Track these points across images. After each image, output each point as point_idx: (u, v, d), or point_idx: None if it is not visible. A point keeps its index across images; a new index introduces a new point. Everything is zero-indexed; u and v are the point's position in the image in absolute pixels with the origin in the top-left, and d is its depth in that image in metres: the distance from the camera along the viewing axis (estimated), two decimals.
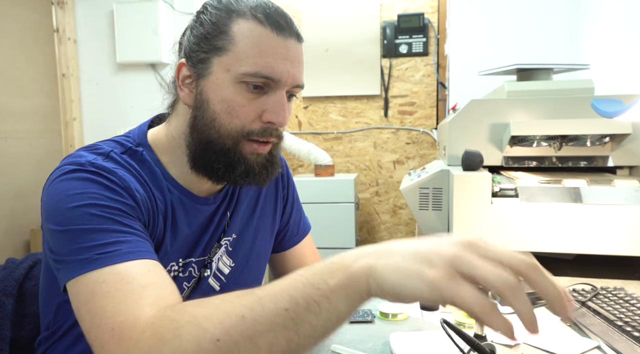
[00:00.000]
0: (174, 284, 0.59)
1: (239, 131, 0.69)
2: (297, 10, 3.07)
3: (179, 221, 0.74)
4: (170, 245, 0.73)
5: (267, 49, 0.68)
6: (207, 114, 0.70)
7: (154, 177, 0.73)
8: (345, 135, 3.11)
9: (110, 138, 0.76)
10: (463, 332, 0.66)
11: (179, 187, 0.75)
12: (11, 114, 2.45)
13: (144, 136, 0.77)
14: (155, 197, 0.71)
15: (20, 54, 2.53)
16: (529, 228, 1.10)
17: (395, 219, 3.11)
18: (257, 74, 0.67)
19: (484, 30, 2.25)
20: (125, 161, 0.70)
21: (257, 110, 0.69)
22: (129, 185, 0.65)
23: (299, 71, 0.71)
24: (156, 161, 0.74)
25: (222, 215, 0.81)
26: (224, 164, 0.70)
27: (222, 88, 0.69)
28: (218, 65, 0.69)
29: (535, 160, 1.27)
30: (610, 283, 1.03)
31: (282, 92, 0.70)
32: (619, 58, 1.67)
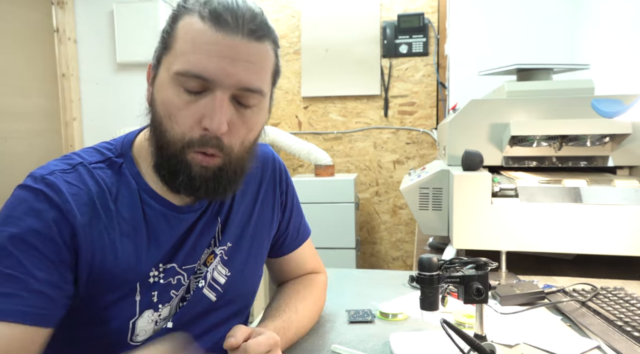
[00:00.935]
0: None
1: (180, 139, 0.65)
2: (297, 10, 3.07)
3: (161, 235, 0.71)
4: (147, 261, 0.70)
5: (202, 46, 0.62)
6: (156, 117, 0.67)
7: (128, 194, 0.69)
8: (345, 135, 3.11)
9: (100, 143, 0.74)
10: (463, 332, 0.66)
11: (160, 200, 0.72)
12: (11, 114, 2.45)
13: (128, 144, 0.74)
14: (119, 218, 0.67)
15: (20, 54, 2.53)
16: (529, 228, 1.10)
17: (395, 219, 3.11)
18: (187, 73, 0.62)
19: (484, 30, 2.25)
20: (93, 174, 0.67)
21: (195, 115, 0.64)
22: (68, 210, 0.62)
23: (245, 72, 0.64)
24: (135, 174, 0.71)
25: (211, 220, 0.78)
26: (167, 171, 0.67)
27: (163, 89, 0.65)
28: (164, 65, 0.66)
29: (535, 160, 1.27)
30: (610, 283, 1.03)
31: (220, 94, 0.63)
32: (619, 58, 1.67)
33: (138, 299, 0.69)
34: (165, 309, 0.72)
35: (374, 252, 3.16)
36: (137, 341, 0.71)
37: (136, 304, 0.69)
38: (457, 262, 0.73)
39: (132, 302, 0.69)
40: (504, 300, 0.94)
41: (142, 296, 0.70)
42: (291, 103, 3.16)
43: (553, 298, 0.96)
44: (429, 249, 1.45)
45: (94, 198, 0.66)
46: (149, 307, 0.70)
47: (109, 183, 0.68)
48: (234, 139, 0.67)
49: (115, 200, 0.68)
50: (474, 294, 0.69)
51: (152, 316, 0.71)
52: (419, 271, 0.70)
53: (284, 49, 3.11)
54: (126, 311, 0.69)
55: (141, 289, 0.69)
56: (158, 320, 0.72)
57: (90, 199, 0.65)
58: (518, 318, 0.89)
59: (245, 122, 0.67)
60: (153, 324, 0.72)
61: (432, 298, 0.70)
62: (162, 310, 0.72)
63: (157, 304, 0.71)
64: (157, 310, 0.71)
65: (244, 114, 0.67)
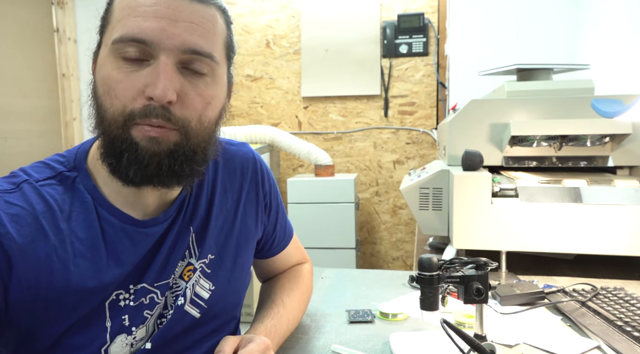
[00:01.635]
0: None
1: (121, 113, 0.58)
2: (297, 10, 3.07)
3: (122, 253, 0.64)
4: (107, 283, 0.63)
5: (138, 8, 0.57)
6: (95, 102, 0.61)
7: (83, 211, 0.63)
8: (345, 135, 3.11)
9: (52, 156, 0.67)
10: (463, 332, 0.66)
11: (120, 215, 0.65)
12: (11, 114, 2.45)
13: (83, 155, 0.67)
14: (72, 238, 0.61)
15: (20, 54, 2.53)
16: (529, 228, 1.10)
17: (395, 219, 3.11)
18: (124, 38, 0.57)
19: (484, 30, 2.25)
20: (40, 192, 0.61)
21: (137, 85, 0.57)
22: (2, 233, 0.56)
23: (189, 32, 0.58)
24: (91, 188, 0.64)
25: (181, 231, 0.71)
26: (114, 156, 0.59)
27: (103, 67, 0.59)
28: (103, 43, 0.61)
29: (535, 160, 1.27)
30: (610, 283, 1.03)
31: (163, 59, 0.57)
32: (619, 58, 1.67)
33: (109, 326, 0.64)
34: (140, 331, 0.67)
35: (374, 252, 3.16)
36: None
37: (107, 331, 0.64)
38: (457, 262, 0.73)
39: (102, 329, 0.63)
40: (504, 300, 0.94)
41: (113, 321, 0.64)
42: (291, 103, 3.16)
43: (553, 298, 0.96)
44: (429, 249, 1.45)
45: (38, 218, 0.59)
46: (120, 332, 0.65)
47: (60, 200, 0.62)
48: (188, 111, 0.60)
49: (68, 218, 0.62)
50: (474, 294, 0.69)
51: (125, 339, 0.66)
52: (419, 271, 0.70)
53: (284, 49, 3.11)
54: (95, 338, 0.63)
55: (111, 314, 0.64)
56: (133, 342, 0.67)
57: (35, 219, 0.59)
58: (518, 318, 0.89)
59: (200, 93, 0.61)
60: (128, 348, 0.66)
61: (432, 298, 0.70)
62: (137, 332, 0.67)
63: (129, 328, 0.66)
64: (131, 333, 0.66)
65: (196, 85, 0.61)
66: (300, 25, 3.06)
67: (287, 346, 0.81)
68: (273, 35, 3.13)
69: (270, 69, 3.15)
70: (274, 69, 3.15)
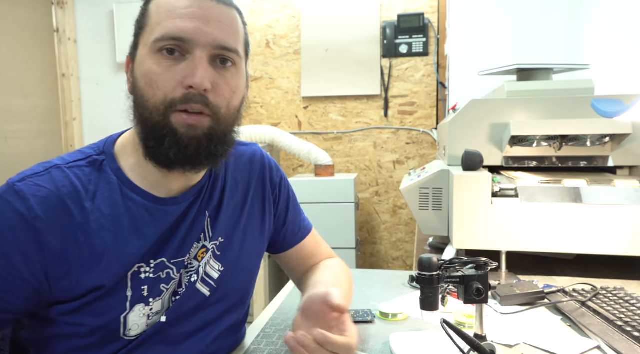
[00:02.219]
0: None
1: (162, 101, 0.67)
2: (297, 10, 3.07)
3: (144, 228, 0.72)
4: (130, 255, 0.70)
5: (175, 11, 0.66)
6: (137, 94, 0.69)
7: (108, 189, 0.71)
8: (345, 135, 3.11)
9: (86, 146, 0.76)
10: (463, 332, 0.66)
11: (143, 193, 0.73)
12: (11, 114, 2.45)
13: (111, 143, 0.76)
14: (97, 214, 0.69)
15: (20, 54, 2.53)
16: (529, 228, 1.10)
17: (395, 219, 3.11)
18: (164, 37, 0.66)
19: (484, 30, 2.25)
20: (67, 175, 0.69)
21: (177, 76, 0.66)
22: (33, 216, 0.65)
23: (219, 31, 0.67)
24: (116, 170, 0.73)
25: (198, 214, 0.78)
26: (155, 140, 0.68)
27: (143, 63, 0.68)
28: (141, 43, 0.69)
29: (535, 160, 1.27)
30: (610, 283, 1.03)
31: (199, 54, 0.66)
32: (619, 58, 1.67)
33: (130, 295, 0.70)
34: (157, 303, 0.73)
35: (374, 252, 3.16)
36: (131, 336, 0.72)
37: (127, 299, 0.70)
38: (457, 262, 0.73)
39: (123, 297, 0.70)
40: (504, 300, 0.94)
41: (133, 291, 0.71)
42: (291, 103, 3.16)
43: (553, 298, 0.96)
44: (429, 249, 1.45)
45: (64, 199, 0.67)
46: (139, 301, 0.71)
47: (85, 181, 0.70)
48: (220, 99, 0.69)
49: (94, 197, 0.70)
50: (474, 294, 0.69)
51: (143, 310, 0.72)
52: (419, 271, 0.70)
53: (284, 49, 3.11)
54: (117, 306, 0.70)
55: (132, 284, 0.71)
56: (150, 314, 0.73)
57: (61, 200, 0.67)
58: (518, 318, 0.89)
59: (228, 83, 0.70)
60: (145, 318, 0.72)
61: (432, 298, 0.70)
62: (154, 304, 0.73)
63: (147, 298, 0.72)
64: (148, 304, 0.72)
65: (224, 76, 0.70)
66: (300, 25, 3.06)
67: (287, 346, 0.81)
68: (273, 35, 3.13)
69: (270, 69, 3.15)
70: (274, 69, 3.15)
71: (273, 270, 2.71)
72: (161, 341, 0.74)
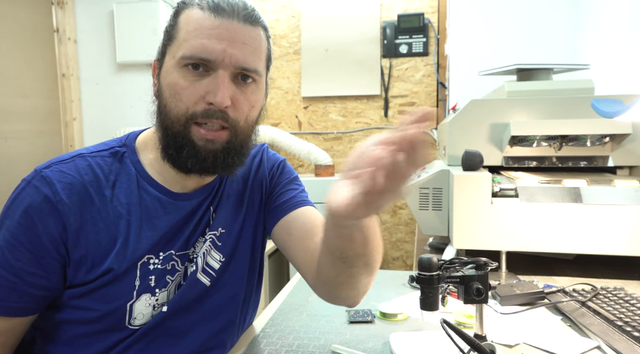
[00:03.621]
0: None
1: (184, 113, 0.71)
2: (297, 10, 3.07)
3: (156, 219, 0.76)
4: (142, 243, 0.74)
5: (203, 31, 0.70)
6: (162, 101, 0.73)
7: (127, 180, 0.76)
8: (345, 135, 3.11)
9: (110, 139, 0.81)
10: (463, 332, 0.66)
11: (158, 186, 0.77)
12: (11, 114, 2.45)
13: (133, 137, 0.81)
14: (115, 202, 0.74)
15: (20, 54, 2.53)
16: (529, 228, 1.10)
17: (395, 219, 3.11)
18: (192, 56, 0.69)
19: (484, 30, 2.25)
20: (90, 164, 0.74)
21: (200, 91, 0.70)
22: (58, 200, 0.70)
23: (242, 52, 0.71)
24: (136, 162, 0.78)
25: (206, 209, 0.82)
26: (174, 148, 0.72)
27: (169, 74, 0.72)
28: (169, 54, 0.73)
29: (535, 160, 1.27)
30: (610, 283, 1.03)
31: (222, 73, 0.70)
32: (619, 58, 1.67)
33: (137, 284, 0.74)
34: (162, 294, 0.76)
35: None
36: (135, 325, 0.75)
37: (135, 288, 0.74)
38: (457, 262, 0.73)
39: (131, 286, 0.73)
40: (504, 300, 0.94)
41: (141, 280, 0.74)
42: (291, 103, 3.16)
43: (553, 298, 0.96)
44: (429, 249, 1.45)
45: (86, 186, 0.72)
46: (146, 291, 0.75)
47: (106, 170, 0.75)
48: (239, 113, 0.73)
49: (114, 185, 0.75)
50: (474, 294, 0.69)
51: (149, 299, 0.75)
52: (419, 271, 0.70)
53: (283, 49, 3.11)
54: (124, 293, 0.73)
55: (140, 274, 0.74)
56: (155, 305, 0.76)
57: (83, 186, 0.72)
58: (518, 318, 0.89)
59: (247, 98, 0.73)
60: (151, 309, 0.75)
61: (432, 298, 0.70)
62: (159, 295, 0.76)
63: (154, 289, 0.75)
64: (154, 294, 0.75)
65: (244, 92, 0.73)
66: (300, 25, 3.06)
67: (287, 346, 0.81)
68: (273, 35, 3.12)
69: (271, 69, 3.15)
70: (274, 69, 3.15)
71: (273, 270, 2.70)
72: (164, 333, 0.76)
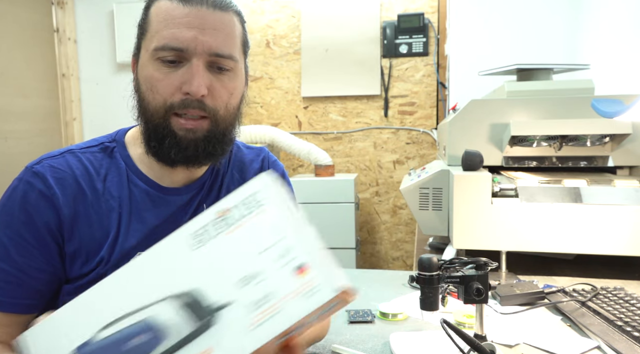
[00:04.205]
0: None
1: (162, 105, 0.71)
2: (297, 10, 3.07)
3: (145, 213, 0.76)
4: (130, 236, 0.74)
5: (172, 21, 0.69)
6: (139, 95, 0.74)
7: (117, 174, 0.76)
8: (345, 135, 3.11)
9: (100, 136, 0.81)
10: (463, 332, 0.66)
11: (146, 180, 0.77)
12: (11, 114, 2.45)
13: (123, 133, 0.82)
14: (107, 195, 0.74)
15: (20, 54, 2.53)
16: (529, 228, 1.10)
17: (395, 219, 3.11)
18: (164, 47, 0.69)
19: (484, 30, 2.25)
20: (80, 159, 0.75)
21: (175, 83, 0.70)
22: (52, 194, 0.70)
23: (213, 38, 0.70)
24: (126, 157, 0.78)
25: (198, 206, 0.81)
26: (156, 140, 0.72)
27: (145, 68, 0.72)
28: (143, 48, 0.73)
29: (535, 160, 1.27)
30: (610, 283, 1.03)
31: (195, 62, 0.70)
32: (619, 58, 1.67)
33: None
34: None
35: (374, 252, 3.16)
36: None
37: None
38: (457, 262, 0.73)
39: None
40: (504, 300, 0.94)
41: None
42: (291, 103, 3.15)
43: (553, 298, 0.96)
44: (429, 249, 1.45)
45: (78, 179, 0.73)
46: None
47: (97, 165, 0.76)
48: (217, 101, 0.72)
49: (104, 179, 0.75)
50: (474, 294, 0.69)
51: None
52: (419, 271, 0.70)
53: (284, 49, 3.11)
54: None
55: None
56: None
57: (75, 180, 0.73)
58: (518, 318, 0.89)
59: (225, 86, 0.73)
60: None
61: (432, 298, 0.70)
62: None
63: None
64: None
65: (221, 79, 0.73)
66: (300, 25, 3.06)
67: None
68: (273, 35, 3.13)
69: (270, 69, 3.15)
70: (274, 69, 3.15)
71: None
72: None
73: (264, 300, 0.40)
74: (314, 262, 0.41)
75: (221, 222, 0.45)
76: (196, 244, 0.44)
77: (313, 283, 0.41)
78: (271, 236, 0.43)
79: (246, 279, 0.41)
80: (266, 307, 0.40)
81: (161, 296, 0.43)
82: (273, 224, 0.43)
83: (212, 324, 0.41)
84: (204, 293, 0.42)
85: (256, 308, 0.40)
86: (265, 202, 0.44)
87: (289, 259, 0.42)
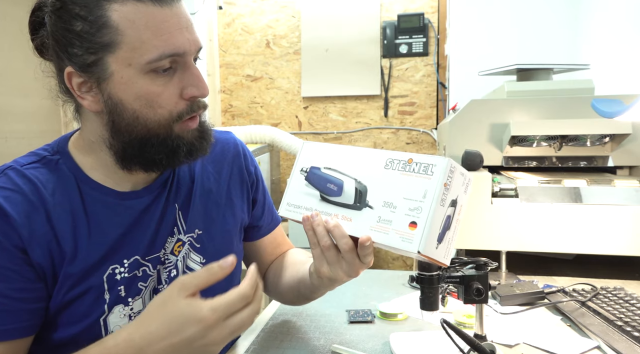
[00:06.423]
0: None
1: (168, 118, 0.67)
2: (297, 10, 3.07)
3: (103, 223, 0.71)
4: (92, 251, 0.69)
5: (159, 26, 0.63)
6: (126, 114, 0.66)
7: (66, 186, 0.70)
8: (345, 135, 3.11)
9: (39, 148, 0.74)
10: (463, 332, 0.66)
11: (100, 188, 0.72)
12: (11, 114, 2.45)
13: (64, 143, 0.75)
14: (59, 210, 0.68)
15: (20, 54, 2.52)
16: (529, 228, 1.10)
17: None
18: (162, 57, 0.64)
19: (484, 30, 2.25)
20: (24, 174, 0.68)
21: (176, 91, 0.67)
22: (6, 214, 0.64)
23: (194, 34, 0.68)
24: (73, 167, 0.72)
25: (166, 207, 0.77)
26: (165, 153, 0.69)
27: (132, 85, 0.65)
28: (115, 63, 0.64)
29: (535, 160, 1.27)
30: (610, 283, 1.03)
31: (191, 63, 0.68)
32: (619, 58, 1.67)
33: (107, 297, 0.70)
34: (137, 303, 0.72)
35: (374, 252, 3.16)
36: None
37: (105, 302, 0.70)
38: (457, 262, 0.73)
39: (101, 300, 0.70)
40: (504, 300, 0.94)
41: (110, 292, 0.70)
42: (291, 103, 3.16)
43: (553, 298, 0.96)
44: None
45: (28, 195, 0.66)
46: (117, 302, 0.71)
47: (43, 180, 0.69)
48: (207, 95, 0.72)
49: (53, 194, 0.68)
50: (474, 294, 0.69)
51: (123, 310, 0.71)
52: (419, 271, 0.70)
53: (284, 49, 3.11)
54: (95, 309, 0.69)
55: (108, 286, 0.70)
56: (132, 314, 0.72)
57: (24, 196, 0.66)
58: (518, 318, 0.89)
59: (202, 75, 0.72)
60: (127, 319, 0.72)
61: (432, 298, 0.70)
62: (134, 304, 0.72)
63: (125, 299, 0.71)
64: (128, 304, 0.72)
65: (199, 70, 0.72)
66: (300, 25, 3.06)
67: (287, 346, 0.81)
68: (273, 35, 3.13)
69: (270, 69, 3.15)
70: (274, 69, 3.15)
71: None
72: None
73: (385, 221, 0.64)
74: (424, 229, 0.60)
75: (406, 165, 0.65)
76: (387, 164, 0.67)
77: (412, 237, 0.60)
78: (418, 195, 0.62)
79: (388, 204, 0.64)
80: (383, 225, 0.64)
81: (354, 176, 0.69)
82: (426, 191, 0.62)
83: (360, 209, 0.66)
84: (369, 192, 0.67)
85: (379, 221, 0.64)
86: (434, 176, 0.62)
87: (413, 214, 0.62)
